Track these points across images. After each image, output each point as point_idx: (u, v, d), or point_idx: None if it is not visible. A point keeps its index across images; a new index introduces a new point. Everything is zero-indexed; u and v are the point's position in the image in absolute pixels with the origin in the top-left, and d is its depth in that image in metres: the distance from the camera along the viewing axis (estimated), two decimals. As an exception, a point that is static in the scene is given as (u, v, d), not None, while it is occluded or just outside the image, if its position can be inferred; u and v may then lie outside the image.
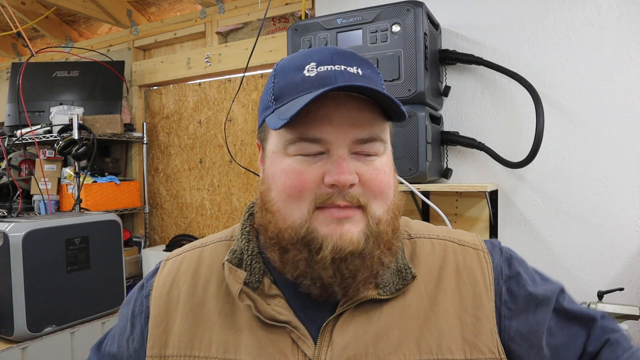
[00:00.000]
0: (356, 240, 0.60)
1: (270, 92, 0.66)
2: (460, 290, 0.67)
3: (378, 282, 0.65)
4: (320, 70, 0.62)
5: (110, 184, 2.65)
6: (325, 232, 0.60)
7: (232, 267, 0.67)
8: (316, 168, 0.61)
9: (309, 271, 0.61)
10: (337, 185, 0.59)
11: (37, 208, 2.58)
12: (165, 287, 0.72)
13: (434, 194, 1.69)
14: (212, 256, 0.73)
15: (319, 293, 0.63)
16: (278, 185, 0.62)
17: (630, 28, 1.45)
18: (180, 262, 0.75)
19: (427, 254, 0.70)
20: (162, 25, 2.80)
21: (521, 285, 0.70)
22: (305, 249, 0.60)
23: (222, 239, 0.76)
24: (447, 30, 1.69)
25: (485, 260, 0.71)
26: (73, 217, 1.88)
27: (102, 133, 2.56)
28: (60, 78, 2.75)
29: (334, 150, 0.60)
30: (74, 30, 3.23)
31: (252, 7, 2.46)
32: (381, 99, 0.60)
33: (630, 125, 1.45)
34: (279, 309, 0.64)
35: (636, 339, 1.40)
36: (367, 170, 0.62)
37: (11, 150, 2.69)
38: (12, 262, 1.61)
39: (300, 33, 1.60)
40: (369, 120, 0.62)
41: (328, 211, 0.60)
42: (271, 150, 0.65)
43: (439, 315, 0.65)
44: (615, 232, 1.47)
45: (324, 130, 0.60)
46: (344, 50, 0.66)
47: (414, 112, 1.44)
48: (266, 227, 0.65)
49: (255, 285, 0.65)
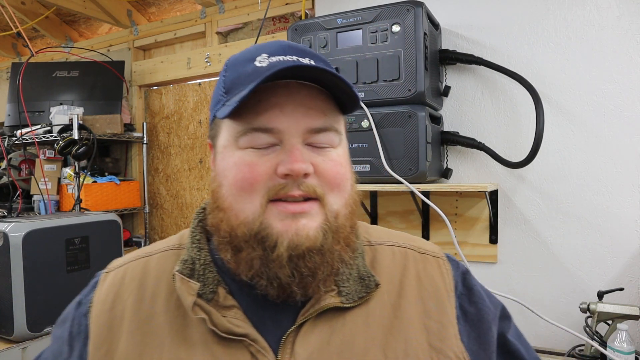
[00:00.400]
0: (313, 236, 0.56)
1: (221, 86, 0.63)
2: (422, 298, 0.66)
3: (341, 290, 0.62)
4: (272, 60, 0.59)
5: (110, 184, 2.65)
6: (280, 227, 0.56)
7: (184, 278, 0.62)
8: (268, 160, 0.57)
9: (265, 270, 0.57)
10: (290, 174, 0.56)
11: (37, 208, 2.58)
12: (107, 303, 0.65)
13: (434, 194, 1.69)
14: (159, 266, 0.67)
15: (277, 294, 0.59)
16: (229, 180, 0.59)
17: (630, 28, 1.45)
18: (123, 274, 0.68)
19: (388, 262, 0.69)
20: (162, 25, 2.80)
21: (472, 302, 0.69)
22: (259, 246, 0.57)
23: (169, 247, 0.70)
24: (447, 30, 1.69)
25: (445, 268, 0.70)
26: (73, 217, 1.88)
27: (102, 133, 2.56)
28: (60, 78, 2.75)
29: (287, 140, 0.57)
30: (74, 30, 3.23)
31: (252, 7, 2.46)
32: (335, 83, 0.58)
33: (630, 125, 1.45)
34: (236, 321, 0.59)
35: (636, 339, 1.40)
36: (322, 161, 0.59)
37: (11, 150, 2.69)
38: (12, 262, 1.61)
39: (300, 33, 1.60)
40: (322, 110, 0.60)
41: (282, 205, 0.56)
42: (222, 145, 0.62)
43: (403, 322, 0.63)
44: (615, 232, 1.47)
45: (276, 119, 0.57)
46: (296, 44, 0.63)
47: (414, 112, 1.44)
48: (218, 226, 0.61)
49: (209, 297, 0.61)
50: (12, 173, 2.59)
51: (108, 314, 0.64)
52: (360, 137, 1.51)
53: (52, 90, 2.73)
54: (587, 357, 1.32)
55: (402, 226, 1.79)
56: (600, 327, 1.31)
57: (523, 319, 1.58)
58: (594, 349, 1.29)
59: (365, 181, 1.52)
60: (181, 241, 0.70)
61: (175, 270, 0.63)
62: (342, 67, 1.53)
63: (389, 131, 1.47)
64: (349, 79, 1.51)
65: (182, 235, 0.72)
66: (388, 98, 1.47)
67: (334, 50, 1.55)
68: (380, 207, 1.83)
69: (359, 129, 1.51)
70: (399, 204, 1.79)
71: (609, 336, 1.25)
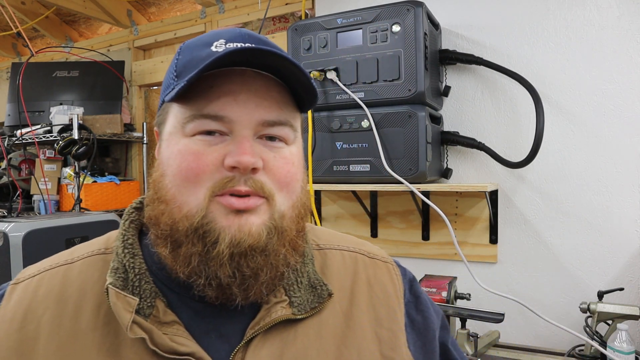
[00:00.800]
0: (256, 233, 0.52)
1: (172, 69, 0.58)
2: (374, 305, 0.64)
3: (292, 301, 0.58)
4: (229, 46, 0.54)
5: (110, 184, 2.65)
6: (223, 223, 0.52)
7: (119, 292, 0.53)
8: (216, 150, 0.53)
9: (204, 268, 0.52)
10: (238, 167, 0.52)
11: (37, 208, 2.57)
12: (15, 322, 0.55)
13: (434, 194, 1.69)
14: (82, 275, 0.58)
15: (216, 295, 0.54)
16: (173, 169, 0.54)
17: (631, 28, 1.45)
18: (37, 285, 0.58)
19: (339, 267, 0.66)
20: (162, 25, 2.80)
21: (419, 310, 0.68)
22: (199, 241, 0.52)
23: (94, 252, 0.61)
24: (447, 30, 1.69)
25: (395, 273, 0.69)
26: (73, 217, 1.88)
27: (102, 133, 2.56)
28: (60, 78, 2.75)
29: (238, 130, 0.53)
30: (74, 30, 3.23)
31: (252, 7, 2.46)
32: (293, 72, 0.54)
33: (630, 125, 1.45)
34: (179, 339, 0.53)
35: (636, 339, 1.40)
36: (273, 157, 0.55)
37: (11, 150, 2.69)
38: (12, 262, 1.61)
39: (300, 33, 1.60)
40: (278, 102, 0.56)
41: (227, 200, 0.52)
42: (168, 132, 0.57)
43: (356, 332, 0.60)
44: (615, 232, 1.47)
45: (228, 107, 0.53)
46: (257, 34, 0.59)
47: (414, 112, 1.44)
48: (158, 219, 0.55)
49: (147, 312, 0.54)
50: (12, 173, 2.59)
51: (16, 335, 0.55)
52: (360, 137, 1.51)
53: (52, 90, 2.73)
54: (587, 357, 1.32)
55: (402, 226, 1.79)
56: (600, 327, 1.31)
57: (523, 319, 1.58)
58: (594, 349, 1.29)
59: (365, 181, 1.52)
60: (108, 244, 0.62)
61: (108, 283, 0.54)
62: (342, 67, 1.53)
63: (389, 131, 1.47)
64: (349, 79, 1.51)
65: (109, 238, 0.64)
66: (388, 98, 1.47)
67: (334, 50, 1.55)
68: (380, 207, 1.83)
69: (359, 129, 1.51)
70: (399, 204, 1.79)
71: (609, 336, 1.25)
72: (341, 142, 1.55)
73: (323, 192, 1.92)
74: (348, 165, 1.53)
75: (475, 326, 1.36)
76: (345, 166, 1.54)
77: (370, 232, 1.84)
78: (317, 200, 1.92)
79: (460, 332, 1.32)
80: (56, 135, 2.48)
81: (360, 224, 1.86)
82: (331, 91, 1.55)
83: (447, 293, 1.35)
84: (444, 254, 1.71)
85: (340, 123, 1.54)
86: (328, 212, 1.92)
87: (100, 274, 0.58)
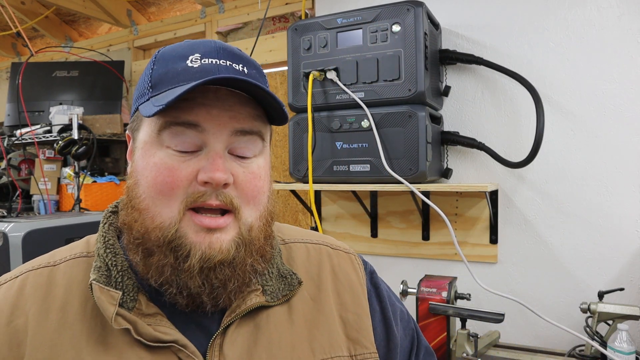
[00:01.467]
0: (226, 249, 0.57)
1: (147, 79, 0.61)
2: (338, 291, 0.70)
3: (265, 289, 0.63)
4: (204, 62, 0.58)
5: (110, 184, 2.65)
6: (194, 239, 0.56)
7: (103, 286, 0.57)
8: (190, 165, 0.57)
9: (175, 279, 0.57)
10: (210, 183, 0.56)
11: (36, 208, 2.57)
12: (3, 317, 0.59)
13: (434, 194, 1.69)
14: (68, 275, 0.62)
15: (186, 303, 0.58)
16: (148, 180, 0.57)
17: (631, 28, 1.44)
18: (22, 284, 0.61)
19: (303, 258, 0.72)
20: (162, 25, 2.80)
21: (380, 299, 0.74)
22: (171, 254, 0.56)
23: (75, 255, 0.65)
24: (447, 30, 1.68)
25: (358, 263, 0.76)
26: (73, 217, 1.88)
27: (102, 133, 2.56)
28: (60, 78, 2.75)
29: (211, 144, 0.57)
30: (74, 30, 3.22)
31: (252, 7, 2.46)
32: (263, 97, 0.58)
33: (630, 125, 1.45)
34: (163, 328, 0.58)
35: (636, 339, 1.40)
36: (242, 173, 0.59)
37: (11, 150, 2.69)
38: (12, 262, 1.61)
39: (300, 33, 1.60)
40: (251, 116, 0.59)
41: (199, 218, 0.57)
42: (142, 140, 0.60)
43: (325, 315, 0.66)
44: (615, 232, 1.47)
45: (201, 117, 0.56)
46: (231, 47, 0.62)
47: (414, 112, 1.44)
48: (131, 226, 0.59)
49: (131, 305, 0.58)
50: (12, 173, 2.59)
51: (5, 328, 0.58)
52: (360, 137, 1.51)
53: (52, 90, 2.72)
54: (588, 358, 1.32)
55: (402, 226, 1.78)
56: (600, 327, 1.31)
57: (523, 319, 1.58)
58: (594, 349, 1.29)
59: (365, 181, 1.52)
60: (88, 248, 0.66)
61: (92, 279, 0.58)
62: (342, 67, 1.53)
63: (389, 131, 1.47)
64: (349, 79, 1.51)
65: (88, 242, 0.67)
66: (388, 98, 1.47)
67: (334, 50, 1.55)
68: (380, 207, 1.82)
69: (359, 129, 1.51)
70: (399, 204, 1.79)
71: (610, 336, 1.25)
72: (341, 142, 1.55)
73: (323, 192, 1.92)
74: (348, 165, 1.53)
75: (475, 326, 1.36)
76: (345, 166, 1.53)
77: (370, 232, 1.84)
78: (317, 200, 1.91)
79: (460, 332, 1.32)
80: (56, 135, 2.48)
81: (360, 224, 1.86)
82: (331, 91, 1.55)
83: (447, 293, 1.34)
84: (444, 254, 1.71)
85: (340, 123, 1.54)
86: (328, 212, 1.92)
87: (85, 274, 0.62)
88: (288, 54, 1.63)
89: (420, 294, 1.37)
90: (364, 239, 1.85)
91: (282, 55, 2.24)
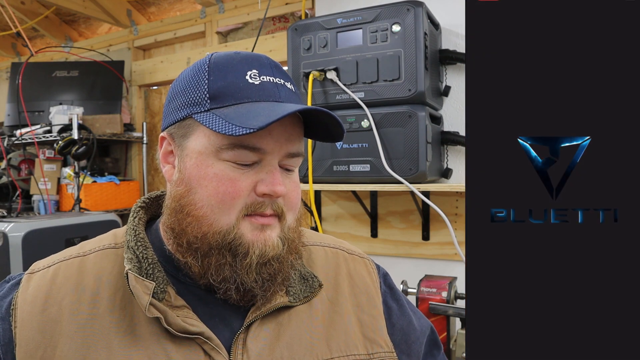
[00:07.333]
0: (277, 245, 0.63)
1: (203, 88, 0.63)
2: (355, 293, 0.74)
3: (288, 290, 0.68)
4: (263, 79, 0.63)
5: (110, 184, 2.65)
6: (250, 238, 0.62)
7: (138, 276, 0.61)
8: (249, 177, 0.62)
9: (234, 276, 0.62)
10: (270, 195, 0.61)
11: (36, 208, 2.57)
12: (37, 305, 0.62)
13: (434, 194, 1.69)
14: (97, 266, 0.65)
15: (239, 297, 0.63)
16: (208, 190, 0.61)
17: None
18: (54, 273, 0.65)
19: (322, 261, 0.76)
20: (162, 25, 2.80)
21: (395, 299, 0.78)
22: (229, 254, 0.61)
23: (104, 246, 0.68)
24: (447, 30, 1.68)
25: (371, 267, 0.80)
26: (73, 217, 1.88)
27: (102, 133, 2.56)
28: (59, 78, 2.75)
29: (268, 160, 0.62)
30: (74, 30, 3.22)
31: (252, 7, 2.46)
32: (333, 124, 0.65)
33: None
34: (190, 320, 0.61)
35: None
36: (289, 184, 0.65)
37: (11, 150, 2.69)
38: (12, 262, 1.61)
39: (300, 33, 1.60)
40: (299, 136, 0.66)
41: (254, 218, 0.62)
42: (196, 151, 0.62)
43: (342, 316, 0.70)
44: None
45: (264, 140, 0.61)
46: (277, 63, 0.68)
47: (414, 112, 1.44)
48: (183, 230, 0.62)
49: (161, 296, 0.61)
50: (12, 173, 2.59)
51: (40, 316, 0.61)
52: (360, 137, 1.51)
53: (52, 90, 2.72)
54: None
55: (402, 226, 1.78)
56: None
57: (523, 319, 1.58)
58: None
59: (365, 181, 1.52)
60: (116, 240, 0.69)
61: (128, 269, 0.61)
62: (342, 67, 1.53)
63: (389, 131, 1.47)
64: (349, 79, 1.52)
65: (115, 234, 0.71)
66: (388, 98, 1.47)
67: (334, 50, 1.55)
68: (380, 207, 1.82)
69: (359, 129, 1.51)
70: (399, 204, 1.79)
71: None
72: (341, 142, 1.55)
73: (323, 192, 1.92)
74: (348, 165, 1.53)
75: (475, 326, 1.36)
76: (345, 166, 1.53)
77: (370, 232, 1.84)
78: (317, 200, 1.91)
79: (460, 332, 1.32)
80: (56, 135, 2.48)
81: (360, 224, 1.86)
82: (331, 91, 1.55)
83: (447, 293, 1.35)
84: (444, 254, 1.71)
85: (340, 123, 1.54)
86: (328, 212, 1.92)
87: (114, 265, 0.65)
88: (288, 54, 1.63)
89: (420, 294, 1.37)
90: (363, 239, 1.85)
91: (282, 55, 2.24)
